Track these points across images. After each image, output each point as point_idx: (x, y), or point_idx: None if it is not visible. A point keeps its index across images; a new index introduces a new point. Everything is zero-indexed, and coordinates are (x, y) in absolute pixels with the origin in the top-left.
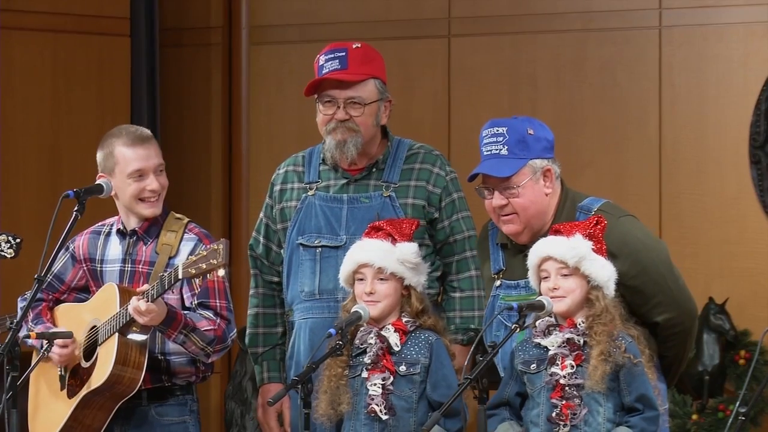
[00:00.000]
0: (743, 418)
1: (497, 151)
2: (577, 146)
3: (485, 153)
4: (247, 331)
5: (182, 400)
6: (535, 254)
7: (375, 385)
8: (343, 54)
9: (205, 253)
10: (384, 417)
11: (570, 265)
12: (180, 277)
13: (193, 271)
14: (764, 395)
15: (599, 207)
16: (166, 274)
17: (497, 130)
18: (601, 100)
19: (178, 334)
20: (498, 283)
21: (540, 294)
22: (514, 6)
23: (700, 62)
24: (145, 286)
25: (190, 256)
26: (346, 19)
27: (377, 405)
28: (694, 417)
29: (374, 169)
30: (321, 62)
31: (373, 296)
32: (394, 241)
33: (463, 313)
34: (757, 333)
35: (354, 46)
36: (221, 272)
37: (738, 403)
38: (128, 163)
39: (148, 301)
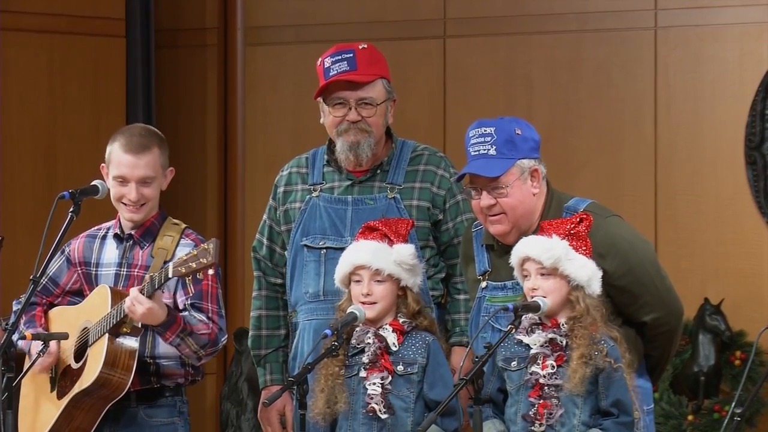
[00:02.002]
0: (739, 418)
1: (485, 151)
2: (572, 147)
3: (473, 153)
4: (250, 333)
5: (171, 402)
6: (515, 254)
7: (374, 384)
8: (351, 55)
9: (195, 252)
10: (383, 416)
11: (546, 266)
12: (170, 275)
13: (183, 270)
14: (760, 396)
15: (585, 207)
16: (156, 274)
17: (485, 131)
18: (596, 101)
19: (176, 337)
20: (484, 284)
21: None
22: (509, 7)
23: (695, 63)
24: (137, 287)
25: (180, 256)
26: (341, 20)
27: (377, 404)
28: (690, 418)
29: (379, 171)
30: (327, 64)
31: (370, 298)
32: (390, 242)
33: (468, 315)
34: (752, 334)
35: (360, 47)
36: (211, 271)
37: (734, 404)
38: (115, 166)
39: None
